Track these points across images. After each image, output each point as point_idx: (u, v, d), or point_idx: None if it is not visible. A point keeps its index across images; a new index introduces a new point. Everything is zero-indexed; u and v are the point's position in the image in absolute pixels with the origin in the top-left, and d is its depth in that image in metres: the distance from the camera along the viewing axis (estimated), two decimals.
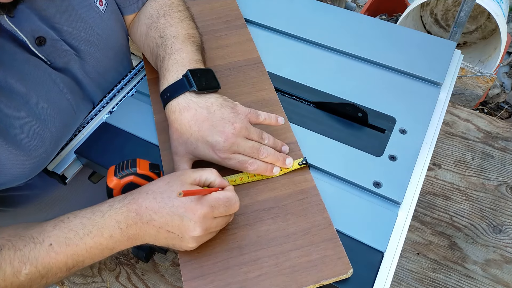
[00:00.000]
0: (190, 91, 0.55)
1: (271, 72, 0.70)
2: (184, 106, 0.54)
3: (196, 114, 0.53)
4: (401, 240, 0.53)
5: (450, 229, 0.87)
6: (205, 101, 0.54)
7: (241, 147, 0.53)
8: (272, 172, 0.56)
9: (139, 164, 0.52)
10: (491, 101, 1.90)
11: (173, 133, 0.55)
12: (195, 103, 0.54)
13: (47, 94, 0.58)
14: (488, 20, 1.90)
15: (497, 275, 0.80)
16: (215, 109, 0.54)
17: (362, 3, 2.47)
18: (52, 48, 0.59)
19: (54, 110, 0.59)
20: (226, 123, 0.53)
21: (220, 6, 0.80)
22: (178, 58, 0.58)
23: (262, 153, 0.54)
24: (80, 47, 0.63)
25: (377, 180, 0.57)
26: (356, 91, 0.68)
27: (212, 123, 0.53)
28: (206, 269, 0.50)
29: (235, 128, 0.53)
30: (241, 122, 0.54)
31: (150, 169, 0.53)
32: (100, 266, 0.83)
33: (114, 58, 0.70)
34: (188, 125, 0.53)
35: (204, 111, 0.54)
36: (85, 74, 0.65)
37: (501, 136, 1.00)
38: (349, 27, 0.77)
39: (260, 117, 0.56)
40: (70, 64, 0.62)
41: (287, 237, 0.51)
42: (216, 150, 0.53)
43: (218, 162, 0.54)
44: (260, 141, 0.55)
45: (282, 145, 0.58)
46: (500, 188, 0.92)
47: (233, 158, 0.53)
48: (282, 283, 0.48)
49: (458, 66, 0.73)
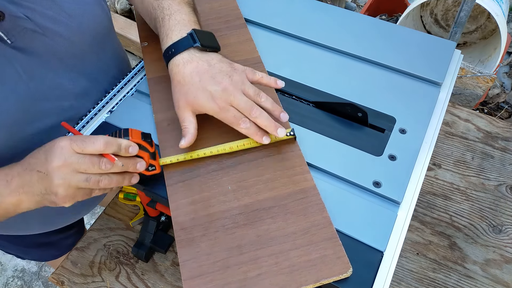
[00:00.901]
0: (194, 47, 0.58)
1: (271, 72, 0.71)
2: (188, 60, 0.58)
3: (197, 66, 0.57)
4: (400, 239, 0.53)
5: (450, 229, 0.87)
6: (206, 57, 0.58)
7: (237, 100, 0.55)
8: (262, 139, 0.57)
9: (131, 133, 0.53)
10: (491, 101, 1.90)
11: (175, 86, 0.58)
12: (197, 57, 0.58)
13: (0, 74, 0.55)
14: (488, 20, 1.90)
15: (497, 275, 0.80)
16: (215, 63, 0.58)
17: (362, 3, 2.47)
18: (12, 25, 0.55)
19: (7, 91, 0.56)
20: (224, 75, 0.56)
21: (220, 6, 0.80)
22: (178, 19, 0.61)
23: (254, 112, 0.56)
24: (47, 26, 0.59)
25: (376, 180, 0.57)
26: (356, 91, 0.68)
27: (212, 74, 0.56)
28: (206, 268, 0.50)
29: (232, 80, 0.56)
30: (238, 76, 0.57)
31: (142, 138, 0.54)
32: (100, 266, 0.83)
33: (92, 41, 0.67)
34: (190, 76, 0.57)
35: (205, 64, 0.57)
36: (54, 56, 0.61)
37: (501, 136, 1.00)
38: (349, 27, 0.77)
39: (257, 75, 0.59)
40: (34, 43, 0.58)
41: (287, 237, 0.51)
42: (215, 98, 0.55)
43: (216, 112, 0.56)
44: (256, 98, 0.57)
45: (280, 111, 0.58)
46: (500, 188, 0.92)
47: (229, 110, 0.56)
48: (281, 282, 0.48)
49: (458, 66, 0.73)
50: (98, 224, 0.89)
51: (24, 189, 0.51)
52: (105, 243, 0.86)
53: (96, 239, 0.87)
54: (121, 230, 0.88)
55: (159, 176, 0.58)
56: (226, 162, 0.58)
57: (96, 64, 0.70)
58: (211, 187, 0.56)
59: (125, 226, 0.89)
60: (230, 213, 0.54)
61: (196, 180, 0.57)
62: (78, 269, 0.83)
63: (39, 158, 0.51)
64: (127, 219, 0.90)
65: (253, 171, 0.57)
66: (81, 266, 0.83)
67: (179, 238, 0.52)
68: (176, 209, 0.55)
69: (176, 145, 0.58)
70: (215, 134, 0.61)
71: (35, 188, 0.51)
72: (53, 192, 0.50)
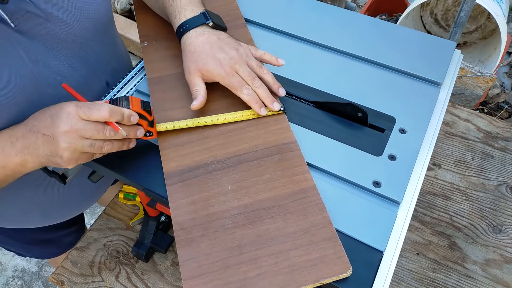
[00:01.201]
0: (206, 23, 0.65)
1: (271, 72, 0.70)
2: (200, 33, 0.64)
3: (208, 37, 0.64)
4: (400, 239, 0.53)
5: (450, 229, 0.87)
6: (216, 32, 0.65)
7: (242, 68, 0.62)
8: (260, 110, 0.62)
9: (131, 101, 0.56)
10: (491, 101, 1.90)
11: (187, 55, 0.64)
12: (209, 32, 0.65)
13: (3, 57, 0.56)
14: (488, 20, 1.90)
15: (497, 275, 0.80)
16: (224, 37, 0.65)
17: (362, 3, 2.47)
18: (15, 8, 0.56)
19: (10, 74, 0.57)
20: (231, 47, 0.64)
21: (220, 6, 0.80)
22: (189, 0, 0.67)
23: (256, 82, 0.62)
24: (49, 11, 0.60)
25: (376, 180, 0.57)
26: (356, 91, 0.68)
27: (221, 45, 0.63)
28: (206, 268, 0.50)
29: (238, 52, 0.63)
30: (244, 50, 0.64)
31: (142, 107, 0.56)
32: (100, 266, 0.83)
33: (93, 29, 0.68)
34: (201, 45, 0.63)
35: (215, 36, 0.64)
36: (56, 41, 0.62)
37: (501, 136, 1.00)
38: (349, 27, 0.77)
39: (259, 51, 0.66)
40: (36, 27, 0.59)
41: (287, 237, 0.51)
42: (222, 65, 0.61)
43: (222, 78, 0.62)
44: (258, 69, 0.64)
45: (279, 86, 0.64)
46: (500, 188, 0.92)
47: (234, 76, 0.62)
48: (281, 282, 0.48)
49: (458, 66, 0.73)
50: (98, 224, 0.89)
51: (29, 150, 0.53)
52: (105, 243, 0.87)
53: (96, 239, 0.87)
54: (121, 230, 0.88)
55: (159, 176, 0.58)
56: (226, 162, 0.59)
57: (96, 53, 0.71)
58: (211, 187, 0.56)
59: (125, 226, 0.89)
60: (230, 213, 0.54)
61: (196, 180, 0.57)
62: (78, 269, 0.83)
63: (45, 121, 0.52)
64: (127, 219, 0.90)
65: (253, 171, 0.57)
66: (81, 266, 0.84)
67: (179, 238, 0.52)
68: (176, 209, 0.55)
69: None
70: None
71: (40, 150, 0.53)
72: (59, 155, 0.52)
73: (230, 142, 0.61)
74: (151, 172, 0.60)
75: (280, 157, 0.59)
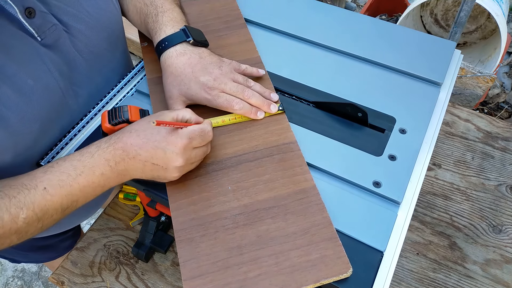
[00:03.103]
0: (187, 41, 0.63)
1: (271, 72, 0.71)
2: (181, 52, 0.62)
3: (190, 58, 0.61)
4: (400, 239, 0.53)
5: (450, 229, 0.87)
6: (197, 50, 0.63)
7: (228, 86, 0.61)
8: (256, 115, 0.62)
9: (130, 111, 0.56)
10: (491, 101, 1.90)
11: (168, 77, 0.62)
12: (190, 50, 0.62)
13: (34, 71, 0.56)
14: (488, 20, 1.90)
15: (497, 275, 0.80)
16: (205, 56, 0.63)
17: (362, 3, 2.47)
18: (42, 21, 0.56)
19: (40, 88, 0.57)
20: (215, 66, 0.62)
21: (220, 6, 0.80)
22: (171, 16, 0.65)
23: (247, 93, 0.61)
24: (69, 23, 0.61)
25: (376, 180, 0.57)
26: (356, 91, 0.68)
27: (203, 65, 0.61)
28: (206, 268, 0.50)
29: (222, 70, 0.62)
30: (227, 67, 0.63)
31: (141, 115, 0.57)
32: (100, 266, 0.83)
33: (107, 39, 0.68)
34: (183, 67, 0.61)
35: (197, 56, 0.62)
36: (77, 53, 0.63)
37: (501, 136, 1.00)
38: (349, 27, 0.77)
39: (242, 66, 0.65)
40: (60, 41, 0.60)
41: (287, 237, 0.51)
42: (207, 88, 0.60)
43: (208, 101, 0.61)
44: (246, 83, 0.63)
45: (270, 92, 0.65)
46: (500, 188, 0.92)
47: (221, 96, 0.60)
48: (281, 282, 0.48)
49: (458, 66, 0.73)
50: (98, 224, 0.89)
51: (132, 173, 0.53)
52: (105, 243, 0.86)
53: (96, 239, 0.87)
54: (121, 230, 0.88)
55: None
56: (226, 162, 0.59)
57: (110, 62, 0.71)
58: (211, 187, 0.56)
59: (125, 226, 0.89)
60: (230, 213, 0.54)
61: (196, 180, 0.57)
62: (78, 269, 0.83)
63: (154, 153, 0.52)
64: (127, 219, 0.90)
65: (253, 171, 0.57)
66: (81, 266, 0.83)
67: (179, 238, 0.52)
68: (176, 209, 0.55)
69: None
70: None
71: (146, 174, 0.54)
72: (167, 179, 0.55)
73: (230, 142, 0.61)
74: None
75: (280, 157, 0.59)
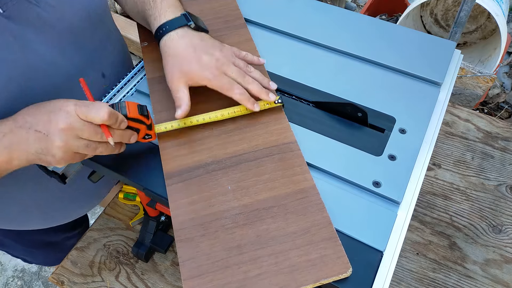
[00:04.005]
0: (188, 25, 0.62)
1: (271, 72, 0.71)
2: (182, 35, 0.62)
3: (191, 39, 0.62)
4: (400, 239, 0.53)
5: (449, 229, 0.87)
6: (198, 34, 0.63)
7: (229, 68, 0.61)
8: (253, 106, 0.61)
9: (128, 107, 0.55)
10: (491, 101, 1.90)
11: (169, 60, 0.61)
12: (191, 33, 0.62)
13: None
14: (488, 20, 1.90)
15: (497, 275, 0.80)
16: (207, 38, 0.63)
17: (362, 3, 2.47)
18: None
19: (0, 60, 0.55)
20: (216, 48, 0.62)
21: (220, 6, 0.80)
22: (170, 3, 0.65)
23: (247, 79, 0.61)
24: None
25: (376, 180, 0.57)
26: (355, 91, 0.68)
27: (205, 47, 0.61)
28: (206, 268, 0.50)
29: (223, 53, 0.62)
30: (228, 50, 0.63)
31: (139, 111, 0.56)
32: (100, 265, 0.83)
33: (88, 19, 0.67)
34: (185, 47, 0.61)
35: (198, 38, 0.62)
36: (47, 28, 0.61)
37: (501, 136, 1.00)
38: (349, 27, 0.77)
39: (242, 52, 0.65)
40: (27, 13, 0.58)
41: (287, 236, 0.51)
42: (209, 67, 0.60)
43: (210, 80, 0.60)
44: (246, 69, 0.63)
45: (269, 80, 0.64)
46: (500, 188, 0.92)
47: (223, 77, 0.60)
48: (281, 282, 0.48)
49: (458, 66, 0.73)
50: (98, 224, 0.89)
51: (19, 146, 0.51)
52: (105, 243, 0.87)
53: (96, 239, 0.87)
54: (121, 230, 0.89)
55: (159, 176, 0.58)
56: (226, 162, 0.59)
57: (91, 41, 0.70)
58: (211, 187, 0.56)
59: (125, 226, 0.89)
60: (230, 213, 0.54)
61: (196, 180, 0.57)
62: (78, 269, 0.83)
63: (40, 117, 0.51)
64: (127, 219, 0.90)
65: (253, 171, 0.57)
66: (81, 266, 0.84)
67: (179, 238, 0.52)
68: (176, 209, 0.55)
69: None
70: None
71: (30, 147, 0.51)
72: (51, 153, 0.51)
73: (230, 142, 0.61)
74: (151, 172, 0.60)
75: (280, 157, 0.59)
